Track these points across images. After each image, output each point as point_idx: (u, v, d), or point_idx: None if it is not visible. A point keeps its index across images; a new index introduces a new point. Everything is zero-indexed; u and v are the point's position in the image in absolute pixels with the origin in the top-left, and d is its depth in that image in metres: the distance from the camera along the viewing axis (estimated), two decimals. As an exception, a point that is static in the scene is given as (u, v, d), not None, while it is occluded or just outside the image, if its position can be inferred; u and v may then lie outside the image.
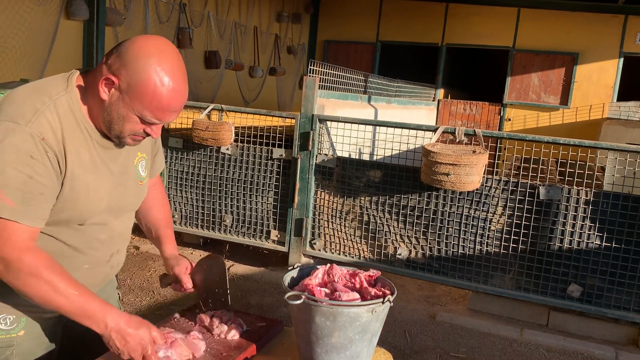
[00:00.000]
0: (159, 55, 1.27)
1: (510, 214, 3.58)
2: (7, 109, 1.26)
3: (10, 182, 1.21)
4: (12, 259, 1.24)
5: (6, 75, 4.31)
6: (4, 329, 1.41)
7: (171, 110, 1.31)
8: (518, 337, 3.51)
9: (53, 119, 1.27)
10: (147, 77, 1.25)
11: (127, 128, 1.32)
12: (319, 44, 10.62)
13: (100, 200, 1.40)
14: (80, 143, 1.33)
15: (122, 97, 1.28)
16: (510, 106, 9.51)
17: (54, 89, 1.31)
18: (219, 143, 4.23)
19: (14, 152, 1.21)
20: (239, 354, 1.46)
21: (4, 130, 1.22)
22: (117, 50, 1.29)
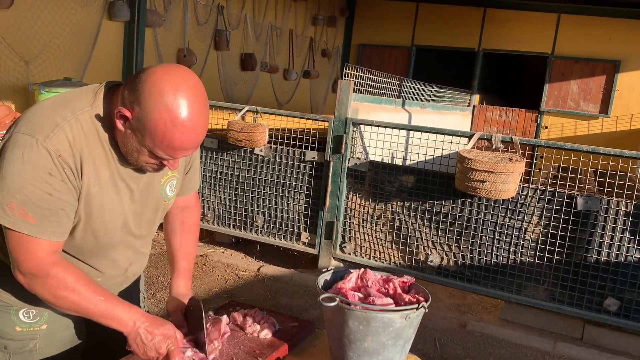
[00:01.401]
0: (174, 92, 1.20)
1: (546, 223, 3.51)
2: (29, 121, 1.26)
3: (30, 199, 1.22)
4: (37, 273, 1.28)
5: (51, 74, 4.44)
6: (27, 322, 1.46)
7: (183, 149, 1.26)
8: (551, 350, 3.43)
9: (72, 136, 1.26)
10: (158, 116, 1.20)
11: (141, 159, 1.30)
12: (354, 48, 10.62)
13: (115, 219, 1.40)
14: (100, 160, 1.32)
15: (134, 132, 1.25)
16: (547, 114, 9.33)
17: (78, 104, 1.30)
18: (253, 144, 4.28)
19: (33, 169, 1.21)
20: (271, 352, 1.47)
21: (23, 145, 1.22)
22: (134, 81, 1.24)
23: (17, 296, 1.43)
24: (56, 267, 1.29)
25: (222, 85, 7.03)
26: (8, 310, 1.44)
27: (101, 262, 1.46)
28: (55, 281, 1.28)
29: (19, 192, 1.22)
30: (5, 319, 1.45)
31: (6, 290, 1.43)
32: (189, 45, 6.23)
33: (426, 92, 7.41)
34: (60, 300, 1.30)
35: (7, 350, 1.46)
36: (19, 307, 1.44)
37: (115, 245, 1.46)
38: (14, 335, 1.45)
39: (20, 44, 4.21)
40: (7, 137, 1.27)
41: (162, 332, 1.36)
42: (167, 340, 1.35)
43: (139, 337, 1.34)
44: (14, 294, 1.43)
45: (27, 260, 1.27)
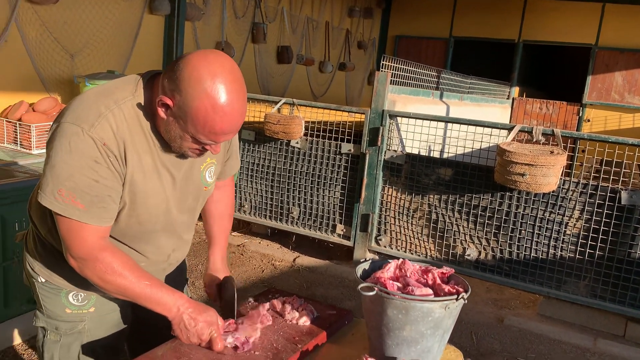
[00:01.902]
0: (212, 78, 1.23)
1: (588, 218, 3.43)
2: (74, 111, 1.30)
3: (78, 186, 1.27)
4: (87, 257, 1.33)
5: (94, 67, 4.57)
6: (76, 305, 1.52)
7: (224, 133, 1.29)
8: (591, 347, 3.36)
9: (116, 124, 1.29)
10: (199, 103, 1.23)
11: (185, 146, 1.34)
12: (390, 39, 10.52)
13: (158, 205, 1.43)
14: (143, 148, 1.35)
15: (176, 119, 1.28)
16: (590, 106, 9.05)
17: (121, 93, 1.33)
18: (289, 136, 4.31)
19: (80, 157, 1.26)
20: (310, 339, 1.50)
21: (70, 134, 1.26)
22: (173, 69, 1.27)
23: (67, 279, 1.49)
24: (104, 252, 1.34)
25: (259, 77, 7.08)
26: (58, 293, 1.51)
27: (145, 247, 1.50)
28: (103, 265, 1.33)
29: (68, 179, 1.26)
30: (56, 301, 1.51)
31: (57, 273, 1.49)
32: (227, 39, 6.30)
33: (464, 84, 7.30)
34: (108, 284, 1.35)
35: (58, 331, 1.53)
36: (68, 290, 1.51)
37: (159, 231, 1.49)
38: (64, 317, 1.52)
39: (66, 38, 4.34)
40: (54, 126, 1.32)
41: (205, 318, 1.39)
42: (210, 326, 1.39)
43: (182, 322, 1.38)
44: (64, 277, 1.49)
45: (78, 245, 1.32)
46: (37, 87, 4.18)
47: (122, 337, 1.64)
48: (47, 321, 1.54)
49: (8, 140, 3.70)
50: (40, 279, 1.52)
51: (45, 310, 1.53)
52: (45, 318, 1.54)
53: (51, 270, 1.50)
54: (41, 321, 1.55)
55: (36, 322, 1.56)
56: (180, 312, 1.38)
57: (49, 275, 1.50)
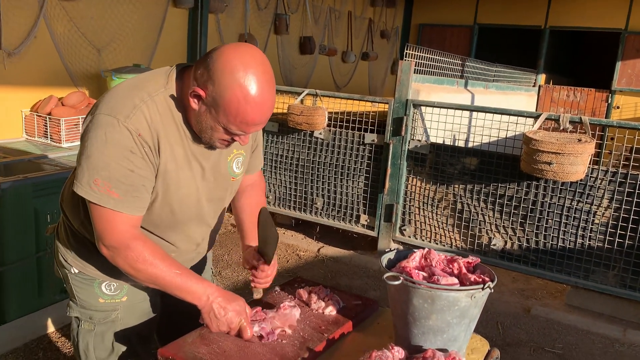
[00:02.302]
0: (245, 70, 1.26)
1: (617, 207, 3.37)
2: (108, 103, 1.33)
3: (114, 176, 1.30)
4: (119, 246, 1.35)
5: (121, 60, 4.63)
6: (109, 294, 1.56)
7: (255, 124, 1.32)
8: (621, 337, 3.31)
9: (150, 116, 1.33)
10: (232, 93, 1.26)
11: (215, 137, 1.37)
12: (413, 28, 10.41)
13: (189, 195, 1.46)
14: (175, 139, 1.38)
15: (208, 109, 1.31)
16: (619, 93, 8.83)
17: (153, 86, 1.36)
18: (313, 127, 4.32)
19: (115, 148, 1.29)
20: (336, 328, 1.51)
21: (105, 125, 1.29)
22: (206, 61, 1.30)
23: (99, 269, 1.53)
24: (136, 241, 1.37)
25: (282, 69, 7.09)
26: (92, 283, 1.55)
27: (176, 236, 1.53)
28: (135, 254, 1.36)
29: (104, 169, 1.29)
30: (90, 292, 1.56)
31: (90, 264, 1.53)
32: (250, 30, 6.32)
33: (489, 72, 7.20)
34: (139, 273, 1.38)
35: (92, 321, 1.57)
36: (101, 280, 1.55)
37: (190, 221, 1.52)
38: (98, 307, 1.56)
39: (93, 32, 4.41)
40: (89, 119, 1.36)
41: (235, 307, 1.42)
42: (239, 315, 1.41)
43: (212, 311, 1.40)
44: (97, 267, 1.53)
45: (110, 234, 1.35)
46: (65, 82, 4.26)
47: (153, 325, 1.69)
48: (80, 311, 1.58)
49: (39, 134, 3.79)
50: (73, 270, 1.55)
51: (78, 301, 1.57)
52: (79, 308, 1.58)
53: (84, 261, 1.53)
54: (75, 311, 1.59)
55: (70, 312, 1.61)
56: (210, 300, 1.40)
57: (82, 266, 1.54)
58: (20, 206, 2.67)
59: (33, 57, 3.99)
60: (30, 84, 4.03)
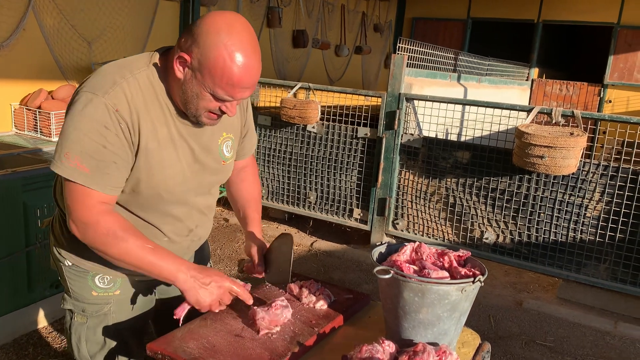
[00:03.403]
0: (229, 30, 1.26)
1: (608, 200, 3.38)
2: (90, 81, 1.33)
3: (85, 150, 1.28)
4: (88, 221, 1.32)
5: (111, 53, 4.59)
6: (102, 287, 1.54)
7: (242, 87, 1.30)
8: (612, 330, 3.33)
9: (130, 92, 1.31)
10: (217, 53, 1.25)
11: (201, 106, 1.34)
12: (407, 22, 10.39)
13: (175, 175, 1.43)
14: (157, 118, 1.37)
15: (194, 74, 1.29)
16: (611, 87, 8.86)
17: (136, 64, 1.36)
18: (306, 121, 4.30)
19: (90, 122, 1.27)
20: (327, 323, 1.50)
21: (84, 101, 1.29)
22: (190, 29, 1.30)
23: (93, 262, 1.51)
24: (107, 216, 1.33)
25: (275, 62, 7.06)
26: (85, 276, 1.54)
27: (166, 222, 1.50)
28: (105, 229, 1.31)
29: (76, 143, 1.28)
30: (83, 284, 1.54)
31: (84, 256, 1.51)
32: (242, 23, 6.28)
33: (482, 65, 7.20)
34: (110, 249, 1.33)
35: (84, 313, 1.56)
36: (95, 273, 1.53)
37: (179, 204, 1.49)
38: (91, 299, 1.55)
39: (83, 25, 4.36)
40: (71, 99, 1.35)
41: (212, 276, 1.39)
42: (221, 282, 1.39)
43: (193, 287, 1.37)
44: (91, 260, 1.51)
45: (80, 209, 1.32)
46: (55, 75, 4.22)
47: (147, 318, 1.68)
48: (74, 304, 1.57)
49: (28, 127, 3.75)
50: (67, 263, 1.54)
51: (72, 293, 1.57)
52: (73, 301, 1.57)
53: (78, 254, 1.52)
54: (68, 304, 1.58)
55: (64, 304, 1.60)
56: (186, 275, 1.36)
57: (76, 259, 1.53)
58: (10, 200, 2.65)
59: (22, 50, 3.95)
60: (19, 77, 3.99)
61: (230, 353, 1.33)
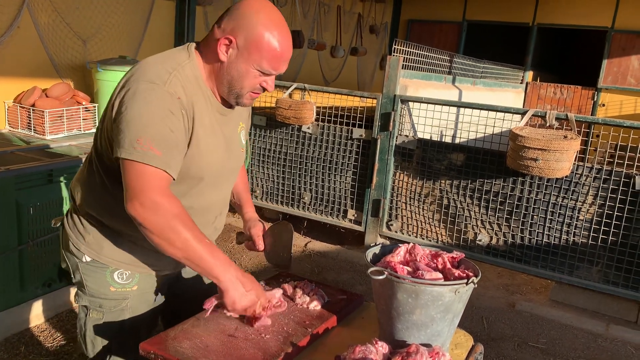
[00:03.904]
0: (265, 10, 1.40)
1: (601, 203, 3.40)
2: (143, 73, 1.38)
3: (157, 134, 1.32)
4: (160, 201, 1.32)
5: (107, 52, 4.58)
6: (121, 283, 1.56)
7: (284, 59, 1.43)
8: (603, 332, 3.35)
9: (183, 83, 1.40)
10: (261, 30, 1.38)
11: (246, 84, 1.44)
12: (402, 24, 10.41)
13: (216, 161, 1.51)
14: (202, 107, 1.45)
15: (240, 53, 1.40)
16: (605, 91, 8.91)
17: (178, 58, 1.44)
18: (301, 122, 4.30)
19: (157, 108, 1.33)
20: (320, 323, 1.51)
21: (146, 89, 1.34)
22: (227, 15, 1.42)
23: (115, 257, 1.54)
24: (174, 199, 1.36)
25: (270, 62, 7.06)
26: (104, 271, 1.55)
27: (199, 206, 1.55)
28: (176, 210, 1.33)
29: (147, 127, 1.32)
30: (101, 280, 1.56)
31: (106, 251, 1.54)
32: (237, 23, 6.28)
33: (477, 68, 7.22)
34: (171, 233, 1.32)
35: (101, 309, 1.58)
36: (114, 268, 1.55)
37: (215, 188, 1.58)
38: (109, 295, 1.57)
39: (78, 23, 4.34)
40: (122, 92, 1.37)
41: (254, 287, 1.44)
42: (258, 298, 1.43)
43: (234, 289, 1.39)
44: (112, 255, 1.54)
45: (149, 190, 1.32)
46: (50, 73, 4.20)
47: (158, 314, 1.70)
48: (90, 300, 1.58)
49: (22, 125, 3.73)
50: (85, 258, 1.55)
51: (88, 290, 1.57)
52: (88, 297, 1.58)
53: (99, 249, 1.53)
54: (84, 300, 1.59)
55: (79, 301, 1.61)
56: (232, 276, 1.39)
57: (96, 254, 1.54)
58: (2, 198, 2.63)
59: (16, 47, 3.93)
60: (13, 75, 3.97)
61: (223, 353, 1.33)
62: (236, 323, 1.47)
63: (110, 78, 4.03)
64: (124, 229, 1.51)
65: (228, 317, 1.49)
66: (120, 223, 1.50)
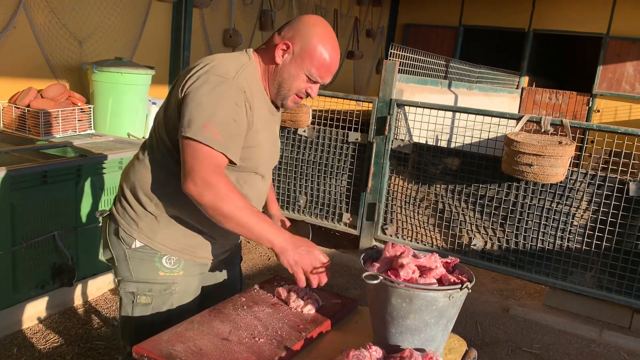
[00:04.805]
0: (322, 26, 1.59)
1: (595, 209, 3.41)
2: (214, 68, 1.51)
3: (221, 121, 1.45)
4: (214, 180, 1.43)
5: (102, 54, 4.57)
6: (169, 267, 1.64)
7: (331, 71, 1.60)
8: (597, 338, 3.36)
9: (247, 80, 1.55)
10: (316, 42, 1.56)
11: (294, 86, 1.60)
12: (399, 28, 10.44)
13: (267, 154, 1.67)
14: (260, 103, 1.60)
15: (294, 58, 1.57)
16: (600, 97, 8.96)
17: (242, 60, 1.59)
18: (297, 125, 4.30)
19: (224, 99, 1.47)
20: (314, 327, 1.50)
21: (215, 82, 1.48)
22: (288, 25, 1.60)
23: (167, 244, 1.63)
24: (226, 177, 1.47)
25: (267, 65, 7.06)
26: (153, 257, 1.63)
27: (255, 195, 1.70)
28: (227, 186, 1.44)
29: (214, 115, 1.45)
30: (150, 265, 1.64)
31: (160, 237, 1.62)
32: (234, 26, 6.28)
33: (473, 73, 7.25)
34: (225, 205, 1.42)
35: (151, 293, 1.64)
36: (163, 254, 1.63)
37: (262, 180, 1.71)
38: (157, 279, 1.64)
39: (74, 24, 4.34)
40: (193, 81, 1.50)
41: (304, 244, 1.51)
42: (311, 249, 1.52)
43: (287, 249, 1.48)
44: (164, 242, 1.62)
45: (206, 169, 1.43)
46: (45, 74, 4.19)
47: (198, 302, 1.74)
48: (137, 286, 1.64)
49: (17, 126, 3.72)
50: (135, 244, 1.62)
51: (135, 276, 1.64)
52: (136, 283, 1.64)
53: (154, 234, 1.62)
54: (131, 286, 1.65)
55: (124, 288, 1.66)
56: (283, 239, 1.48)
57: (150, 240, 1.62)
58: (-4, 199, 2.62)
59: (12, 47, 3.92)
60: (8, 75, 3.96)
61: (217, 357, 1.32)
62: (230, 326, 1.47)
63: (106, 79, 4.02)
64: (179, 214, 1.61)
65: (222, 321, 1.48)
66: (177, 209, 1.60)
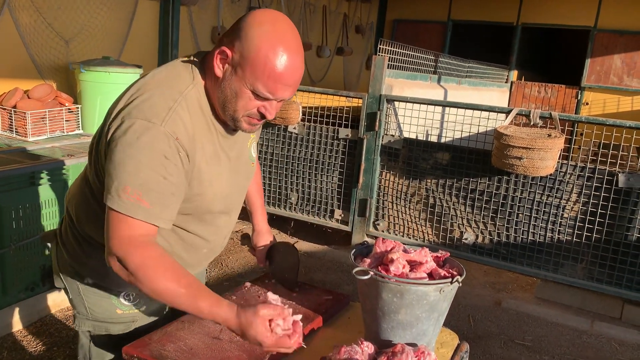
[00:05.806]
0: (270, 23, 1.20)
1: (585, 201, 3.43)
2: (140, 106, 1.22)
3: (145, 183, 1.18)
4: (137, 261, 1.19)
5: (89, 53, 4.53)
6: (127, 305, 1.46)
7: (285, 84, 1.22)
8: (588, 329, 3.38)
9: (185, 117, 1.24)
10: (259, 45, 1.18)
11: (240, 106, 1.26)
12: (388, 24, 10.44)
13: (221, 189, 1.39)
14: (205, 137, 1.31)
15: (234, 70, 1.22)
16: (588, 89, 9.01)
17: (182, 82, 1.28)
18: (287, 122, 4.29)
19: (149, 153, 1.18)
20: (306, 324, 1.50)
21: (139, 129, 1.19)
22: (234, 25, 1.25)
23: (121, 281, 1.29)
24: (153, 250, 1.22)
25: (256, 63, 7.03)
26: (109, 294, 1.45)
27: (209, 230, 1.45)
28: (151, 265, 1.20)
29: (135, 175, 1.18)
30: (106, 303, 1.45)
31: (114, 275, 1.27)
32: (223, 23, 6.24)
33: (462, 67, 7.26)
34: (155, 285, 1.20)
35: (108, 333, 1.48)
36: (120, 290, 1.44)
37: (221, 214, 1.46)
38: (115, 318, 1.46)
39: (60, 23, 4.29)
40: (114, 125, 1.23)
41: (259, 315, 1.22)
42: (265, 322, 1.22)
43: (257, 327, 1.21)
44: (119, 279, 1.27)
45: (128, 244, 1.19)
46: (31, 74, 4.14)
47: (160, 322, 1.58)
48: (94, 325, 1.46)
49: (3, 127, 3.68)
50: (87, 281, 1.44)
51: (91, 313, 1.46)
52: (92, 321, 1.46)
53: (106, 272, 1.34)
54: (86, 325, 1.47)
55: (80, 326, 1.48)
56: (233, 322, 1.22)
57: (101, 277, 1.42)
58: (-17, 202, 2.59)
59: (-3, 48, 3.87)
60: (-6, 76, 3.91)
61: (208, 356, 1.31)
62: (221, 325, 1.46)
63: (93, 79, 3.99)
64: None
65: (213, 319, 1.47)
66: None
